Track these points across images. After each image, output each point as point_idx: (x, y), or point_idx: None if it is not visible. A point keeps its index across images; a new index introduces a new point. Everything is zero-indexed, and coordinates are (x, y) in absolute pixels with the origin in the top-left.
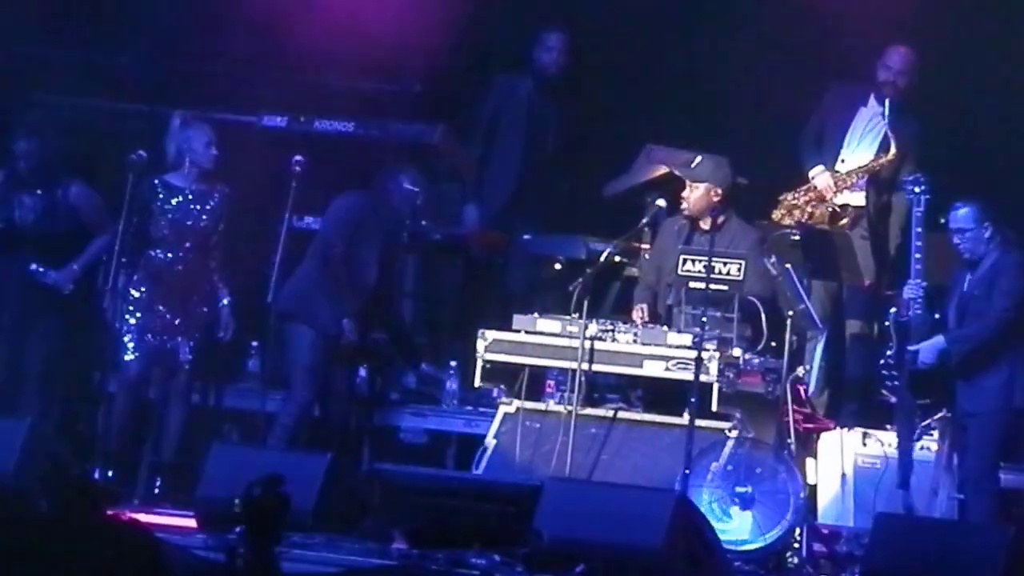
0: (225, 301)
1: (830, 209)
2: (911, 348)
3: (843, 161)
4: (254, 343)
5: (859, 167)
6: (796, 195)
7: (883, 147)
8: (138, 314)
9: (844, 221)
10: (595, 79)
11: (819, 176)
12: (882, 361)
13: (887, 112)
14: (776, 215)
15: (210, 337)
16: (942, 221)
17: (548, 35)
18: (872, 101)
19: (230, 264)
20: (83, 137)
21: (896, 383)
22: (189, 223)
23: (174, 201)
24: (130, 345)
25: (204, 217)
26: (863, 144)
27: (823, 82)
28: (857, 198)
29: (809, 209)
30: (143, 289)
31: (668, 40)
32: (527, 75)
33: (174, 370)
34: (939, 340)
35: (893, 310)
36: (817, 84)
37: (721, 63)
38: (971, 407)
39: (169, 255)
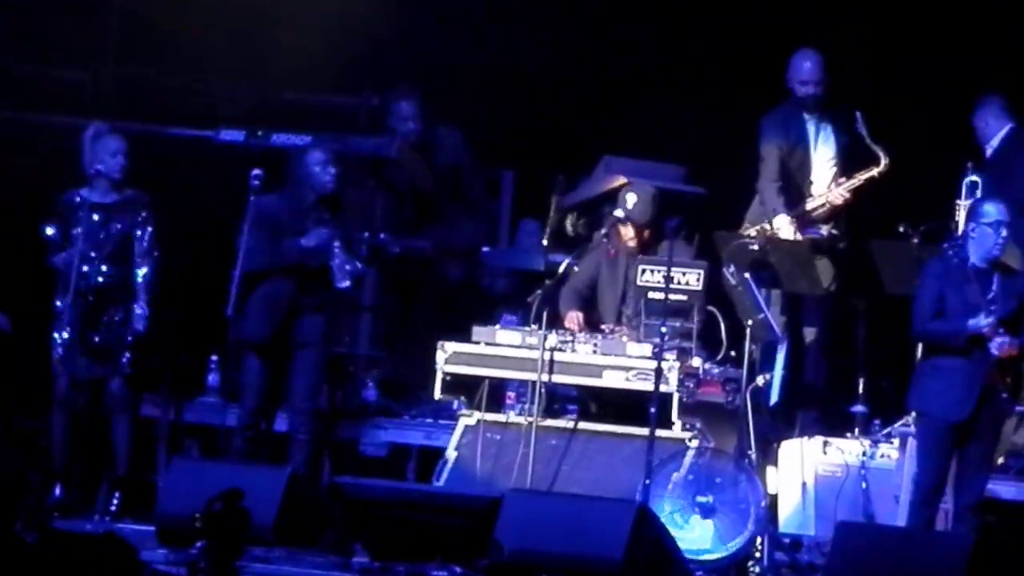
0: (138, 312)
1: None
2: None
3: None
4: (214, 357)
5: (848, 185)
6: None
7: (840, 146)
8: (63, 330)
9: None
10: (551, 90)
11: (783, 227)
12: None
13: (862, 125)
14: None
15: (141, 348)
16: (900, 229)
17: (399, 105)
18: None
19: (177, 276)
20: (39, 152)
21: None
22: (102, 235)
23: (86, 214)
24: (57, 361)
25: (118, 226)
26: (820, 151)
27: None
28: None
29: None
30: (64, 303)
31: (625, 49)
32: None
33: (107, 383)
34: None
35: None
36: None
37: (678, 73)
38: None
39: (85, 268)
